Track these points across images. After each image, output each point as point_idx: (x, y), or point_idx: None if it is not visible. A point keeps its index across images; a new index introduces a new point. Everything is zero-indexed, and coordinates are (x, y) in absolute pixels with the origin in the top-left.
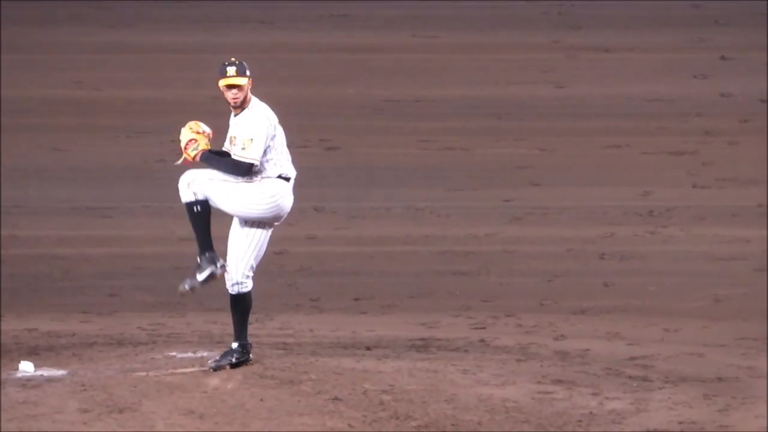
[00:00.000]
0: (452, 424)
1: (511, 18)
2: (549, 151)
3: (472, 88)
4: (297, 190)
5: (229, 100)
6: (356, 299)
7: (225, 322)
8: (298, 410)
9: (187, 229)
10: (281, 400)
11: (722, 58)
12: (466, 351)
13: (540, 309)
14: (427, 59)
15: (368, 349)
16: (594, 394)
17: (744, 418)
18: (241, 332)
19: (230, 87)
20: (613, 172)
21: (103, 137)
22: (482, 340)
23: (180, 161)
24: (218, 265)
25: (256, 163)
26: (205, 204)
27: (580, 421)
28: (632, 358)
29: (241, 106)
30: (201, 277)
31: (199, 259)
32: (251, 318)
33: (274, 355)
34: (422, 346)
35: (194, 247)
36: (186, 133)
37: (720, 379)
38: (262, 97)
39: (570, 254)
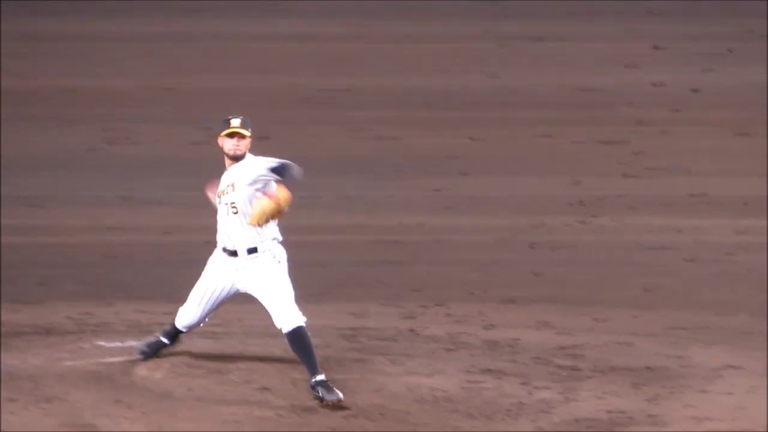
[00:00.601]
0: (380, 414)
1: (443, 7)
2: (479, 140)
3: (404, 78)
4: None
5: (229, 150)
6: None
7: (152, 312)
8: (227, 399)
9: (116, 218)
10: (209, 390)
11: (654, 47)
12: (395, 340)
13: (469, 298)
14: (359, 49)
15: None
16: (523, 384)
17: (673, 407)
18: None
19: (232, 136)
20: (543, 162)
21: (33, 127)
22: (411, 330)
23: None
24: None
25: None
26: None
27: (509, 410)
28: (562, 348)
29: (239, 159)
30: (338, 396)
31: (321, 382)
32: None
33: (203, 344)
34: (351, 335)
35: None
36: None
37: (649, 369)
38: (190, 86)
39: (500, 244)
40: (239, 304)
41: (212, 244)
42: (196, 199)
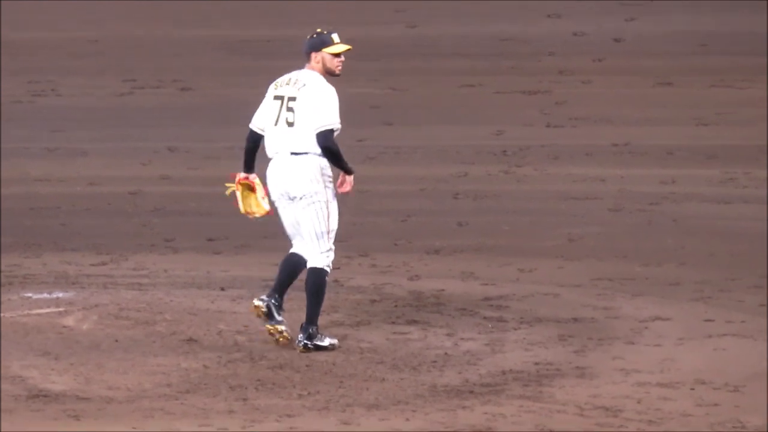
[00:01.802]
0: (306, 365)
1: None
2: (401, 90)
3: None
4: (152, 130)
5: (336, 67)
6: (210, 239)
7: (80, 263)
8: (153, 351)
9: (42, 170)
10: (136, 341)
11: None
12: None
13: (394, 249)
14: (280, 1)
15: (222, 289)
16: (449, 335)
17: (600, 358)
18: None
19: (337, 55)
20: (466, 112)
21: None
22: (336, 281)
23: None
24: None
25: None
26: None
27: (434, 361)
28: (487, 299)
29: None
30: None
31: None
32: (107, 258)
33: (129, 295)
34: None
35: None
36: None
37: (575, 320)
38: (114, 38)
39: (424, 194)
40: (164, 255)
41: (137, 195)
42: (121, 150)
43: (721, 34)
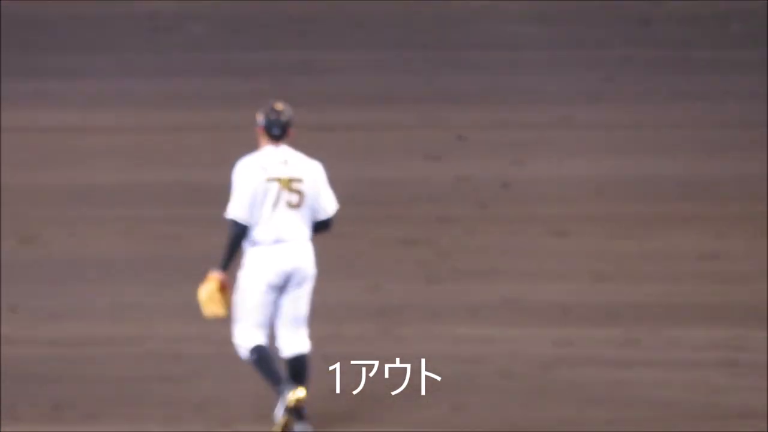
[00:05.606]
0: None
1: (224, 94)
2: None
3: (183, 171)
4: None
5: None
6: (55, 407)
7: None
8: None
9: None
10: None
11: (459, 137)
12: None
13: (260, 420)
14: (137, 141)
15: None
16: None
17: None
18: None
19: None
20: (337, 264)
21: None
22: None
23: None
24: None
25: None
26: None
27: None
28: None
29: None
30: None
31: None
32: None
33: None
34: None
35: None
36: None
37: None
38: None
39: None
40: (4, 425)
41: None
42: None
43: (618, 180)
